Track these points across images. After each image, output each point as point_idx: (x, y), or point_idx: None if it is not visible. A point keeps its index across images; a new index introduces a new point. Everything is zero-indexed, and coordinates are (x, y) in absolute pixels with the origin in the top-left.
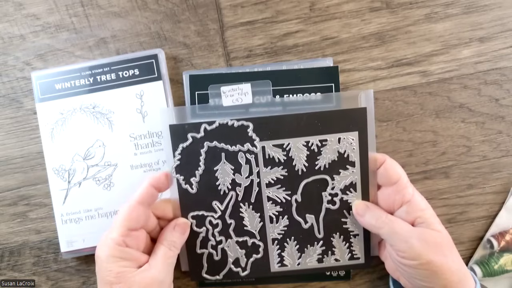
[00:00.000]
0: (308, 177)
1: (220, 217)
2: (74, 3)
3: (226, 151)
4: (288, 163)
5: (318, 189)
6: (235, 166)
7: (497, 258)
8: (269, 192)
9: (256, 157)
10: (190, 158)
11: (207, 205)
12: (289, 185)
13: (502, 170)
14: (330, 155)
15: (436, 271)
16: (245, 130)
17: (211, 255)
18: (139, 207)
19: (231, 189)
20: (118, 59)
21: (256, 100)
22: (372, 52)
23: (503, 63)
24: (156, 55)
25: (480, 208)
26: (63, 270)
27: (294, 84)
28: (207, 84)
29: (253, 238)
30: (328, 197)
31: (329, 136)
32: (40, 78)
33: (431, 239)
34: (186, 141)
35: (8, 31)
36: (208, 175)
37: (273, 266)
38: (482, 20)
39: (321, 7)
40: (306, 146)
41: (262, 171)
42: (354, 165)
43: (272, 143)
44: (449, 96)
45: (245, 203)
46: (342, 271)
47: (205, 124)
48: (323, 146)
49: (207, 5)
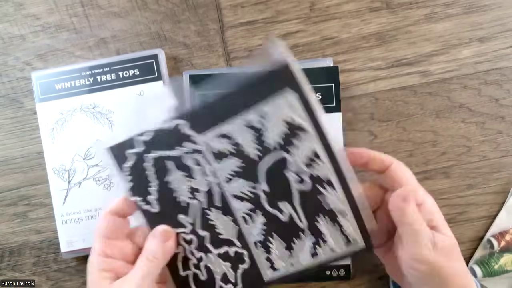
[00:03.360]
0: (265, 160)
1: (192, 231)
2: (74, 3)
3: (173, 158)
4: (239, 152)
5: (281, 170)
6: (187, 172)
7: (497, 258)
8: (232, 190)
9: (204, 156)
10: (140, 176)
11: (174, 221)
12: (250, 176)
13: (502, 170)
14: (278, 128)
15: (445, 278)
16: (180, 129)
17: (197, 275)
18: (112, 217)
19: (192, 197)
20: (118, 59)
21: None
22: (372, 52)
23: (503, 63)
24: (156, 55)
25: (480, 208)
26: (63, 270)
27: None
28: (207, 84)
29: (233, 247)
30: (295, 177)
31: (266, 106)
32: (40, 78)
33: (442, 245)
34: (129, 159)
35: (8, 31)
36: (163, 189)
37: (266, 274)
38: (482, 20)
39: (321, 7)
40: (249, 126)
41: (216, 169)
42: (306, 129)
43: (213, 134)
44: (449, 96)
45: (211, 209)
46: (342, 270)
47: (140, 136)
48: (266, 120)
49: (207, 5)
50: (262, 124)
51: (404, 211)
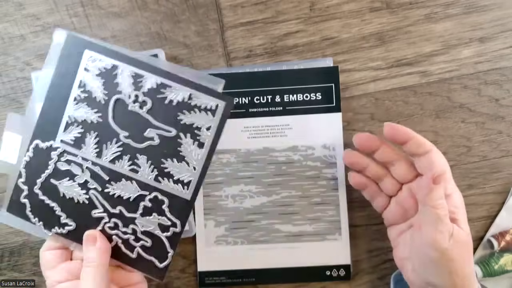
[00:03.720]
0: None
1: (110, 216)
2: (74, 3)
3: (52, 175)
4: (87, 126)
5: (126, 108)
6: (68, 175)
7: (497, 258)
8: (105, 158)
9: (67, 152)
10: (41, 210)
11: (93, 221)
12: (109, 136)
13: (502, 170)
14: (95, 84)
15: (451, 271)
16: (40, 147)
17: (144, 246)
18: (47, 252)
19: (86, 191)
20: None
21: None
22: (372, 52)
23: (503, 63)
24: (156, 55)
25: (480, 208)
26: None
27: (294, 84)
28: None
29: (145, 199)
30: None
31: (80, 75)
32: None
33: (458, 238)
34: (26, 205)
35: (8, 31)
36: (64, 203)
37: (185, 193)
38: (482, 20)
39: (321, 7)
40: (78, 101)
41: (83, 154)
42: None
43: (62, 134)
44: (449, 96)
45: (107, 186)
46: (342, 270)
47: (20, 178)
48: (86, 87)
49: (207, 5)
50: (85, 92)
51: (432, 192)
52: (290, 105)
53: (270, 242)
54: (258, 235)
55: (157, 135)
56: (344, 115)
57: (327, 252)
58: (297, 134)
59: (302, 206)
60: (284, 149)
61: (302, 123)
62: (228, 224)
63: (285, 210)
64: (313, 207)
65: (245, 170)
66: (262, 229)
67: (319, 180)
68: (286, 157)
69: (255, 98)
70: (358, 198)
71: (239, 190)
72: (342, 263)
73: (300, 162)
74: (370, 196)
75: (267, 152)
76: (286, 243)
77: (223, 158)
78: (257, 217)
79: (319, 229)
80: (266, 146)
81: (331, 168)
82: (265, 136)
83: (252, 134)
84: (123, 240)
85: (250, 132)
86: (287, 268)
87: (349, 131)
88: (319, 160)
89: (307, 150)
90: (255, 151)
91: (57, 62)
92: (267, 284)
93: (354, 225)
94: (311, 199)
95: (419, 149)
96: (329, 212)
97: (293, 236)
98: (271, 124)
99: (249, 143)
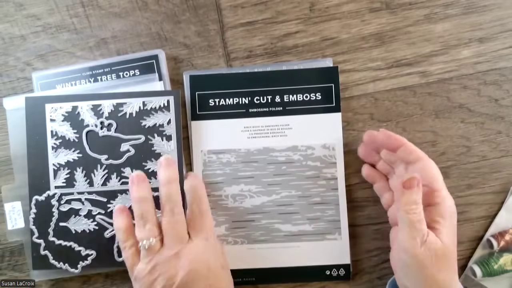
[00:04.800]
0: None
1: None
2: (75, 3)
3: (60, 218)
4: (73, 164)
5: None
6: (76, 213)
7: (496, 258)
8: (97, 183)
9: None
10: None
11: (107, 240)
12: (91, 165)
13: (502, 170)
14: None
15: (424, 278)
16: (48, 202)
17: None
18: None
19: (93, 220)
20: (119, 59)
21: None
22: (372, 53)
23: (503, 63)
24: (157, 55)
25: (479, 208)
26: None
27: (294, 84)
28: (207, 84)
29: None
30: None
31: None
32: (41, 79)
33: (432, 246)
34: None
35: (9, 32)
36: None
37: None
38: (482, 21)
39: (321, 8)
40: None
41: (82, 189)
42: None
43: (55, 190)
44: (448, 97)
45: (108, 206)
46: (342, 270)
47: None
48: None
49: (207, 6)
50: (58, 139)
51: (403, 195)
52: (290, 105)
53: (270, 242)
54: (258, 234)
55: (130, 146)
56: (344, 115)
57: (326, 251)
58: (297, 134)
59: (302, 206)
60: (284, 149)
61: (302, 123)
62: (228, 224)
63: (285, 210)
64: (313, 206)
65: (245, 170)
66: (262, 229)
67: (319, 180)
68: (286, 157)
69: (255, 98)
70: (358, 198)
71: (239, 190)
72: (342, 263)
73: (300, 162)
74: (379, 191)
75: (267, 152)
76: (286, 243)
77: (223, 158)
78: (257, 217)
79: (319, 229)
80: (266, 146)
81: (331, 168)
82: (265, 136)
83: (252, 134)
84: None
85: (250, 132)
86: (287, 268)
87: (349, 131)
88: (319, 160)
89: (307, 150)
90: (255, 151)
91: (26, 125)
92: (267, 283)
93: (353, 225)
94: (310, 198)
95: (410, 156)
96: (329, 212)
97: (293, 236)
98: (271, 124)
99: (249, 143)
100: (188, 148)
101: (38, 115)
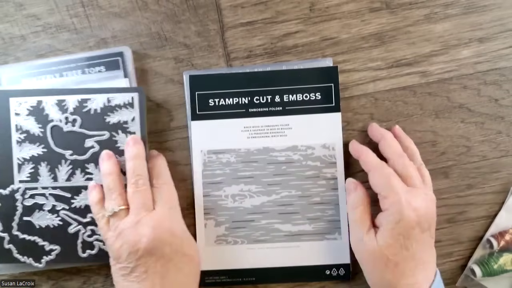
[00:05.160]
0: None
1: (83, 225)
2: (75, 3)
3: (24, 213)
4: (38, 159)
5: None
6: (38, 208)
7: (496, 258)
8: (61, 178)
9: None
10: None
11: (71, 236)
12: (54, 160)
13: (502, 170)
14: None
15: (366, 275)
16: (10, 196)
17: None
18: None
19: (56, 215)
20: (85, 55)
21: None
22: (372, 53)
23: (503, 63)
24: (122, 52)
25: (479, 208)
26: (64, 269)
27: (294, 84)
28: (207, 84)
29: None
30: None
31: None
32: (7, 73)
33: (367, 245)
34: None
35: (9, 32)
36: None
37: None
38: (482, 21)
39: (321, 8)
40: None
41: (45, 184)
42: None
43: (18, 184)
44: (448, 97)
45: (71, 201)
46: (342, 270)
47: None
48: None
49: (207, 6)
50: (23, 133)
51: (347, 198)
52: (290, 105)
53: (270, 242)
54: (258, 234)
55: (95, 142)
56: (344, 115)
57: (326, 251)
58: (296, 134)
59: (301, 206)
60: (284, 149)
61: (302, 123)
62: (228, 224)
63: (284, 210)
64: (313, 206)
65: (245, 170)
66: (262, 229)
67: (319, 180)
68: (286, 157)
69: (255, 98)
70: None
71: (239, 190)
72: (342, 262)
73: (300, 162)
74: None
75: (267, 152)
76: (286, 243)
77: (223, 158)
78: (257, 217)
79: (319, 229)
80: (266, 146)
81: (331, 167)
82: (265, 136)
83: (252, 134)
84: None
85: (250, 132)
86: (287, 268)
87: (349, 131)
88: (319, 159)
89: (307, 150)
90: (255, 151)
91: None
92: (267, 283)
93: None
94: (310, 198)
95: (365, 167)
96: (329, 212)
97: (293, 236)
98: (271, 124)
99: (249, 143)
100: (188, 148)
101: (3, 109)
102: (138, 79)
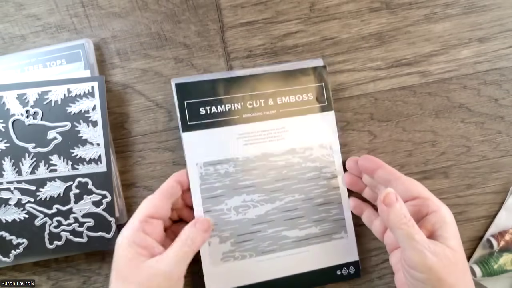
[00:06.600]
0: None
1: (49, 216)
2: (75, 3)
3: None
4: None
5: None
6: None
7: (496, 258)
8: (25, 172)
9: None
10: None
11: (38, 228)
12: (18, 154)
13: (502, 170)
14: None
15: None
16: None
17: None
18: (161, 197)
19: (23, 209)
20: (45, 50)
21: None
22: (372, 53)
23: (503, 63)
24: (83, 44)
25: (479, 208)
26: (64, 269)
27: (285, 86)
28: (195, 92)
29: None
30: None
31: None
32: None
33: (446, 257)
34: None
35: (9, 31)
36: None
37: None
38: (482, 21)
39: (321, 8)
40: None
41: (10, 179)
42: None
43: None
44: (448, 96)
45: (36, 194)
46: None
47: None
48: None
49: (207, 6)
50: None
51: (389, 214)
52: (283, 107)
53: (279, 251)
54: (266, 245)
55: (57, 134)
56: (344, 115)
57: (335, 251)
58: (294, 136)
59: (306, 209)
60: (283, 152)
61: (298, 124)
62: (233, 239)
63: (290, 215)
64: (317, 208)
65: (245, 179)
66: (269, 238)
67: (320, 180)
68: (285, 161)
69: (248, 103)
70: (357, 197)
71: (241, 200)
72: (351, 260)
73: (300, 165)
74: (368, 220)
75: (266, 158)
76: (295, 249)
77: (221, 169)
78: (263, 227)
79: (326, 230)
80: (264, 151)
81: (330, 166)
82: (262, 141)
83: (249, 140)
84: (71, 231)
85: (246, 138)
86: (298, 275)
87: (349, 131)
88: (318, 160)
89: (305, 151)
90: (254, 157)
91: None
92: None
93: (354, 225)
94: (314, 200)
95: (390, 176)
96: (333, 211)
97: (301, 241)
98: (266, 129)
99: (246, 150)
100: (183, 162)
101: None
102: (138, 79)
